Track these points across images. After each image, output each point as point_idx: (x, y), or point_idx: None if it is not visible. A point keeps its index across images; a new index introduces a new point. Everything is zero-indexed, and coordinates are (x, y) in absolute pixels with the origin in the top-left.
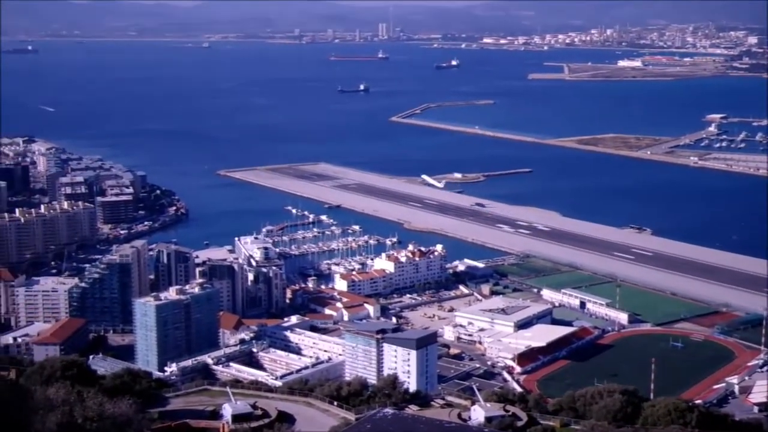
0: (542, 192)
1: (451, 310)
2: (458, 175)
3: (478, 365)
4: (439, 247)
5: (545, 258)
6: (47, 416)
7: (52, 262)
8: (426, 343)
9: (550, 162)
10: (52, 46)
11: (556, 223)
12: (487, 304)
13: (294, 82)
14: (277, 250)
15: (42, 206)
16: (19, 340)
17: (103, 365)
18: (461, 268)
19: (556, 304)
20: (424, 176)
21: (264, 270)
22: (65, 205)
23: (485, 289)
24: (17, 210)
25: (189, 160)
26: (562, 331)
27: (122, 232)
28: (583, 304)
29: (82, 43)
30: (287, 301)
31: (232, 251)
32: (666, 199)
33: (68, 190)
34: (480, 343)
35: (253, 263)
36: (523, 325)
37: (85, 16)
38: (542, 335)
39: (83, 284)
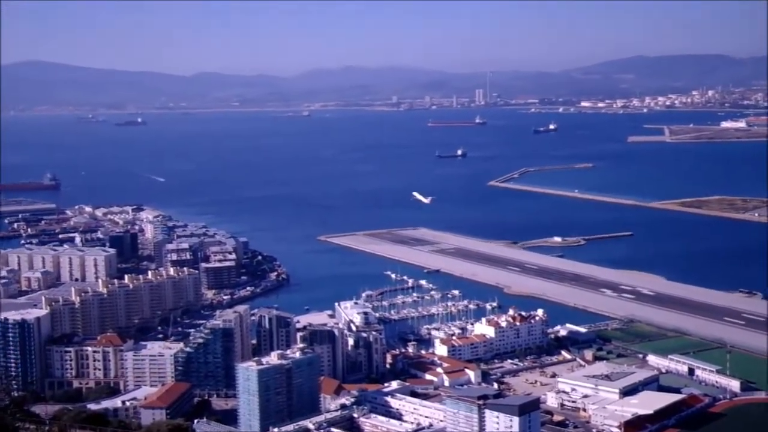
0: (645, 255)
1: (554, 375)
2: (558, 239)
3: None
4: (540, 312)
5: (650, 323)
6: None
7: (159, 327)
8: (529, 409)
9: (652, 225)
10: (161, 117)
11: (660, 287)
12: (590, 370)
13: (392, 148)
14: (377, 314)
15: (149, 272)
16: (128, 403)
17: (207, 429)
18: (563, 332)
19: (663, 371)
20: (414, 193)
21: (364, 335)
22: (171, 271)
23: (588, 354)
24: (126, 276)
25: (290, 226)
26: (670, 398)
27: (225, 297)
28: (691, 371)
29: (188, 114)
30: (387, 366)
31: (332, 316)
32: None
33: (174, 257)
34: (584, 410)
35: (353, 328)
36: (628, 391)
37: (191, 88)
38: (649, 402)
39: (188, 349)
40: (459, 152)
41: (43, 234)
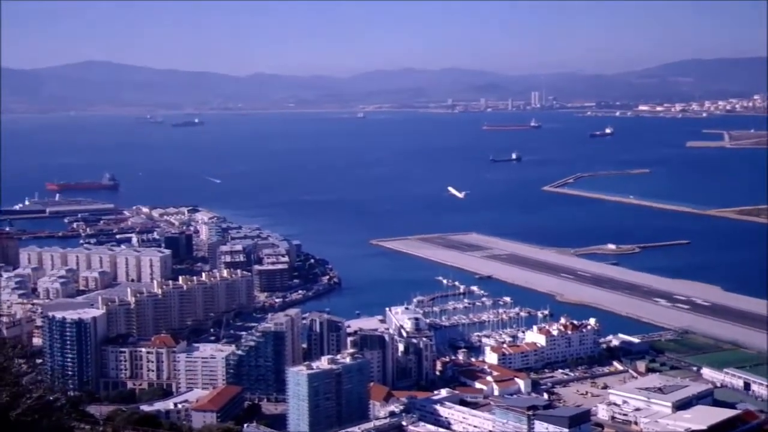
0: (701, 264)
1: (605, 387)
2: (612, 246)
3: None
4: (592, 321)
5: (705, 334)
6: None
7: (211, 329)
8: (579, 421)
9: (710, 233)
10: (217, 118)
11: (717, 297)
12: (642, 382)
13: (446, 151)
14: (428, 320)
15: (203, 274)
16: (179, 406)
17: None
18: (615, 343)
19: (718, 384)
20: (449, 188)
21: (414, 341)
22: (224, 273)
23: (641, 366)
24: (180, 277)
25: (342, 229)
26: (724, 413)
27: (277, 300)
28: (747, 386)
29: (244, 114)
30: (437, 373)
31: (383, 321)
32: None
33: (228, 259)
34: (636, 423)
35: (404, 334)
36: (682, 405)
37: (248, 89)
38: (703, 417)
39: (239, 352)
40: (513, 156)
41: (101, 234)
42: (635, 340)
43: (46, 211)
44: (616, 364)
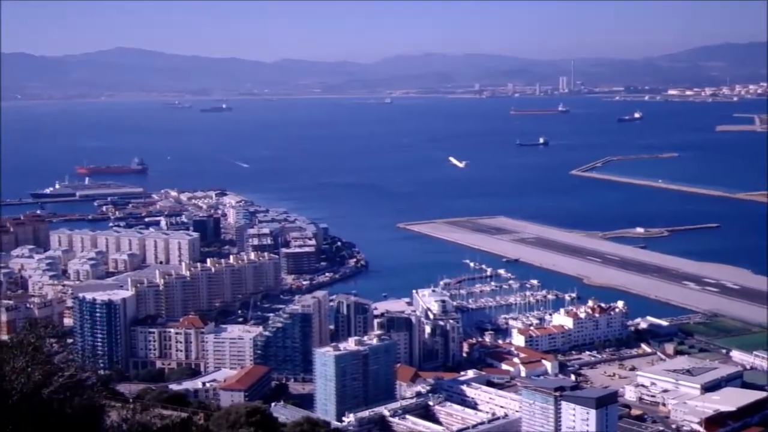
0: (731, 248)
1: (633, 369)
2: (640, 230)
3: (662, 428)
4: (620, 304)
5: (735, 317)
6: None
7: (239, 311)
8: (606, 402)
9: (740, 217)
10: (245, 104)
11: (746, 280)
12: (671, 364)
13: (473, 136)
14: (455, 303)
15: (231, 256)
16: (207, 385)
17: (284, 413)
18: (643, 325)
19: (747, 367)
20: (450, 158)
21: (441, 323)
22: (252, 255)
23: (669, 348)
24: (208, 260)
25: (370, 213)
26: (754, 395)
27: (304, 282)
28: None
29: (271, 100)
30: (464, 354)
31: (409, 303)
32: None
33: (255, 242)
34: (664, 404)
35: (431, 316)
36: (710, 387)
37: (275, 75)
38: (732, 399)
39: (267, 333)
40: (541, 141)
41: (130, 217)
42: (664, 322)
43: (76, 194)
44: (644, 346)
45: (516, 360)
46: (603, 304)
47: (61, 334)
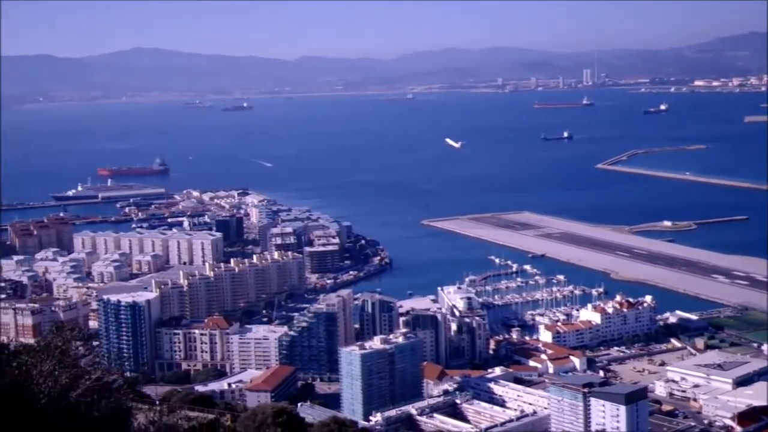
0: (760, 240)
1: (663, 364)
2: (668, 223)
3: (693, 424)
4: (648, 298)
5: (766, 311)
6: None
7: (263, 311)
8: (636, 398)
9: None
10: (266, 102)
11: None
12: (701, 359)
13: (497, 131)
14: (480, 300)
15: (254, 256)
16: (233, 386)
17: (310, 413)
18: (673, 320)
19: None
20: (447, 139)
21: (467, 320)
22: (275, 255)
23: (699, 342)
24: (232, 260)
25: (393, 210)
26: None
27: (329, 281)
28: None
29: (292, 98)
30: (490, 351)
31: (435, 301)
32: None
33: (278, 241)
34: (695, 399)
35: (456, 313)
36: (742, 381)
37: (295, 73)
38: (765, 394)
39: (292, 333)
40: (565, 134)
41: (152, 218)
42: (693, 317)
43: (98, 196)
44: (673, 341)
45: (543, 356)
46: (631, 299)
47: (87, 337)
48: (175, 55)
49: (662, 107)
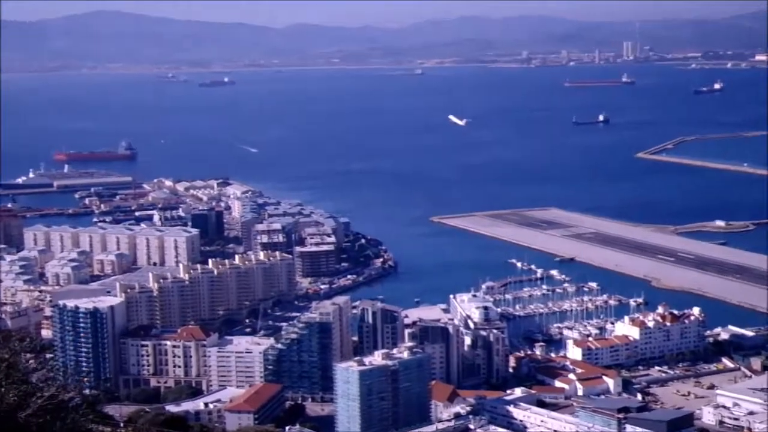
0: None
1: (712, 387)
2: (720, 223)
3: None
4: (696, 311)
5: None
6: None
7: (246, 320)
8: (680, 426)
9: None
10: (251, 76)
11: None
12: (758, 382)
13: (521, 112)
14: (499, 310)
15: (236, 257)
16: (211, 406)
17: None
18: (724, 336)
19: None
20: (450, 116)
21: (483, 333)
22: (261, 255)
23: (755, 363)
24: (210, 261)
25: (398, 204)
26: None
27: (323, 286)
28: None
29: (280, 72)
30: (510, 370)
31: (446, 310)
32: None
33: (265, 239)
34: (749, 429)
35: (471, 325)
36: None
37: (285, 43)
38: None
39: (280, 345)
40: (601, 118)
41: (117, 211)
42: (749, 333)
43: (53, 184)
44: (725, 360)
45: (572, 376)
46: (675, 311)
47: (40, 349)
48: (142, 19)
49: (716, 86)
